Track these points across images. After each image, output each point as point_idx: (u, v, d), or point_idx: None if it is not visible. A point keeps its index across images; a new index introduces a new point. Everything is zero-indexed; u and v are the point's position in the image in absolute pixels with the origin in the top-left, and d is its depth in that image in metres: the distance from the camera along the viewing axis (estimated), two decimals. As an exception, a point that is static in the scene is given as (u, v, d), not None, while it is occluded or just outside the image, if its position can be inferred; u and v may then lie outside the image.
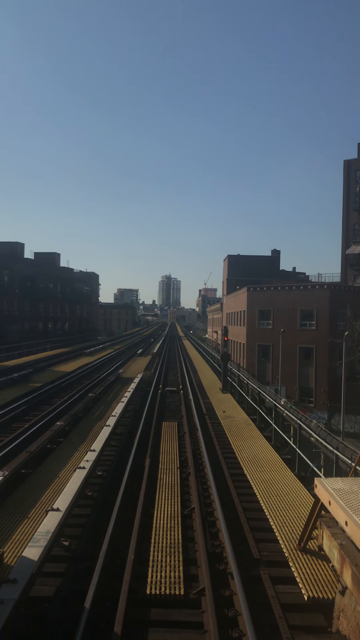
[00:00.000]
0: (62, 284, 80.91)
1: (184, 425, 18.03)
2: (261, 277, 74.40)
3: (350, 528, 6.30)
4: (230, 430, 17.95)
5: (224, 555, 8.17)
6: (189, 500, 10.71)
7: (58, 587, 7.25)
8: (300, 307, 51.29)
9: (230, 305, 74.03)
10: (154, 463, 13.21)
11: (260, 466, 13.41)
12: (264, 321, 55.32)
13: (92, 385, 28.45)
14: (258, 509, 10.44)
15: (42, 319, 71.93)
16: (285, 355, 48.92)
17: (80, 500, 10.43)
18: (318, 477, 9.33)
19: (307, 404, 48.66)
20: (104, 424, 17.25)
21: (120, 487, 10.99)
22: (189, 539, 8.89)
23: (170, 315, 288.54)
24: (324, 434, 17.51)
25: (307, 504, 10.26)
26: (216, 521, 9.55)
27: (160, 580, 7.34)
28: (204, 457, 13.79)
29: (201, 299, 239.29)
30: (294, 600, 7.05)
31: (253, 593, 7.11)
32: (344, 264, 74.95)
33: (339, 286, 53.44)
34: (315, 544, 8.18)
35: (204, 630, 6.24)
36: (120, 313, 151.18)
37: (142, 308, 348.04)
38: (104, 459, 13.71)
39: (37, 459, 13.51)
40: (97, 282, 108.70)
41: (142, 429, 16.93)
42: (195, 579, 7.52)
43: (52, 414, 19.82)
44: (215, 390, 28.28)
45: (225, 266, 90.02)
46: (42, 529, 8.33)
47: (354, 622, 5.95)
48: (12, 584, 6.38)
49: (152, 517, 9.67)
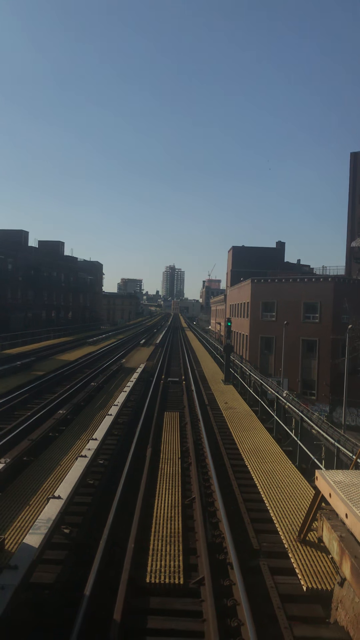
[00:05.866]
0: (66, 273, 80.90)
1: (186, 415, 18.06)
2: (266, 269, 74.25)
3: (351, 520, 6.31)
4: (232, 421, 17.98)
5: (223, 545, 8.20)
6: (190, 490, 10.74)
7: (58, 574, 7.29)
8: (304, 300, 51.19)
9: (234, 296, 73.95)
10: (156, 453, 13.25)
11: (261, 457, 13.44)
12: (267, 313, 55.26)
13: (94, 375, 28.51)
14: (258, 499, 10.47)
15: (45, 307, 71.99)
16: (288, 348, 48.90)
17: (82, 488, 10.48)
18: (319, 469, 9.34)
19: (309, 396, 48.70)
20: (106, 413, 17.30)
21: (122, 476, 11.03)
22: (189, 528, 8.92)
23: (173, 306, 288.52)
24: (325, 427, 17.51)
25: (308, 496, 10.28)
26: (216, 511, 9.58)
27: (160, 569, 7.38)
28: (205, 447, 13.82)
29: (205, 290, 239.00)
30: (293, 591, 7.08)
31: (252, 583, 7.15)
32: (348, 257, 74.77)
33: (344, 279, 53.28)
34: (315, 535, 8.20)
35: (203, 619, 6.28)
36: (123, 303, 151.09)
37: (145, 298, 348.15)
38: (105, 447, 13.76)
39: (39, 446, 13.57)
40: (100, 271, 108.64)
41: (144, 419, 16.97)
42: (194, 569, 7.55)
43: (55, 403, 19.87)
44: (218, 382, 28.31)
45: (230, 257, 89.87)
46: (43, 516, 8.38)
47: (352, 613, 5.98)
48: (13, 570, 6.42)
49: (153, 506, 9.71)
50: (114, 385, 25.11)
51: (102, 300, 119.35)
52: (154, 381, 26.45)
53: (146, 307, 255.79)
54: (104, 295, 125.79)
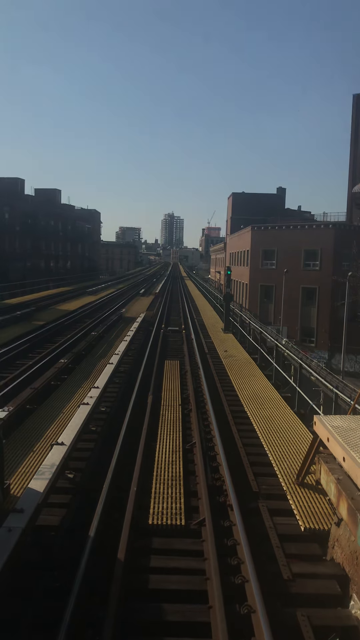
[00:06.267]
0: (64, 222, 79.92)
1: (186, 363, 18.23)
2: (266, 215, 73.29)
3: (348, 464, 6.45)
4: (232, 369, 18.15)
5: (224, 488, 8.41)
6: (190, 435, 10.95)
7: (63, 516, 7.51)
8: (305, 247, 50.78)
9: (234, 245, 73.33)
10: (157, 400, 13.43)
11: (260, 403, 13.64)
12: (267, 261, 54.94)
13: (95, 324, 28.60)
14: (258, 444, 10.68)
15: (44, 257, 71.50)
16: (287, 296, 48.88)
17: (85, 434, 10.67)
18: (317, 414, 9.49)
19: (308, 344, 49.06)
20: (107, 362, 17.44)
21: (124, 423, 11.22)
22: (190, 472, 9.14)
23: (172, 255, 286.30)
24: (324, 373, 17.69)
25: (306, 441, 10.48)
26: (217, 455, 9.79)
27: (162, 511, 7.60)
28: (205, 394, 14.00)
29: (204, 238, 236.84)
30: (291, 531, 7.31)
31: (251, 524, 7.37)
32: (350, 203, 73.65)
33: (344, 225, 52.72)
34: (313, 478, 8.41)
35: (204, 558, 6.50)
36: (122, 252, 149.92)
37: (144, 247, 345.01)
38: (107, 395, 13.94)
39: (42, 395, 13.75)
40: (98, 220, 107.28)
41: (144, 367, 17.12)
42: (195, 511, 7.77)
43: (56, 352, 20.02)
44: (217, 330, 28.43)
45: (230, 204, 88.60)
46: (47, 462, 8.57)
47: (348, 551, 6.20)
48: (19, 513, 6.60)
49: (155, 451, 9.92)
50: (115, 334, 25.22)
51: (101, 250, 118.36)
52: (154, 330, 26.56)
53: (145, 256, 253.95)
54: (102, 244, 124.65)
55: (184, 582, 6.10)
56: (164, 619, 5.48)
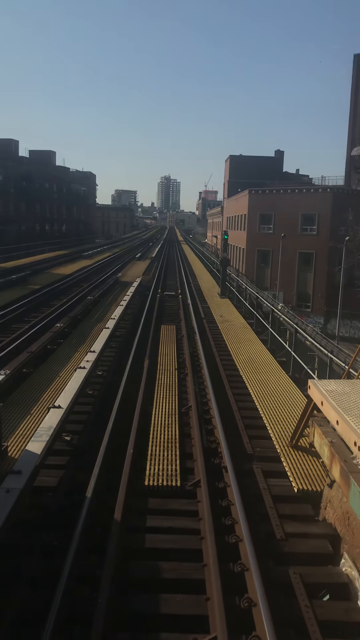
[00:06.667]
0: (59, 184, 78.78)
1: (182, 328, 18.25)
2: (264, 179, 72.29)
3: (341, 427, 6.53)
4: (228, 333, 18.21)
5: (218, 450, 8.53)
6: (186, 399, 11.04)
7: (61, 478, 7.63)
8: (302, 212, 50.34)
9: (231, 208, 72.63)
10: (153, 364, 13.49)
11: (255, 368, 13.73)
12: (264, 226, 54.52)
13: (90, 288, 28.52)
14: (253, 408, 10.80)
15: (38, 220, 70.75)
16: (284, 261, 48.71)
17: (81, 398, 10.75)
18: (312, 379, 9.56)
19: (304, 309, 49.15)
20: (103, 326, 17.45)
21: (120, 386, 11.30)
22: (185, 435, 9.25)
23: (169, 219, 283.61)
24: (319, 338, 17.79)
25: (300, 404, 10.59)
26: (212, 419, 9.89)
27: (158, 473, 7.72)
28: (201, 359, 14.08)
29: (201, 202, 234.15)
30: (285, 492, 7.45)
31: (246, 485, 7.50)
32: (348, 166, 72.61)
33: (342, 189, 52.18)
34: (307, 441, 8.53)
35: (199, 518, 6.64)
36: (118, 215, 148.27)
37: (140, 211, 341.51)
38: (103, 359, 13.99)
39: (38, 359, 13.79)
40: (94, 182, 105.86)
41: (141, 332, 17.14)
42: (191, 472, 7.89)
43: (52, 316, 20.01)
44: (214, 295, 28.41)
45: (227, 167, 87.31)
46: (44, 424, 8.65)
47: (339, 511, 6.33)
48: (17, 475, 6.69)
49: (151, 414, 10.02)
50: (111, 299, 25.18)
51: (96, 213, 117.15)
52: (151, 295, 26.51)
53: (141, 219, 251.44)
54: (97, 207, 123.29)
55: (180, 542, 6.24)
56: (160, 577, 5.62)
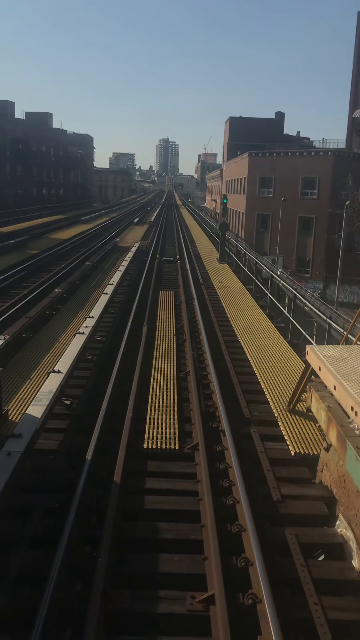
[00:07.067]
0: (56, 147, 77.46)
1: (181, 294, 18.22)
2: (264, 141, 71.03)
3: (338, 392, 6.59)
4: (226, 299, 18.19)
5: (216, 414, 8.63)
6: (185, 364, 11.10)
7: (61, 441, 7.72)
8: (302, 175, 49.62)
9: (231, 172, 71.60)
10: (151, 330, 13.52)
11: (254, 333, 13.76)
12: (264, 189, 53.83)
13: (89, 254, 28.38)
14: (251, 373, 10.86)
15: (36, 184, 69.80)
16: (284, 226, 48.27)
17: (81, 363, 10.80)
18: (310, 344, 9.60)
19: (303, 274, 48.98)
20: (102, 292, 17.42)
21: (119, 352, 11.35)
22: (184, 399, 9.34)
23: (167, 182, 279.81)
24: (318, 304, 17.79)
25: (298, 370, 10.65)
26: (210, 384, 9.97)
27: (156, 436, 7.82)
28: (199, 324, 14.10)
29: (200, 165, 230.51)
30: (282, 455, 7.56)
31: (243, 449, 7.60)
32: (350, 129, 71.32)
33: (343, 152, 51.31)
34: (304, 406, 8.62)
35: (197, 480, 6.75)
36: (116, 179, 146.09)
37: (138, 174, 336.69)
38: (102, 325, 14.01)
39: (37, 324, 13.80)
40: (91, 145, 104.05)
41: (139, 298, 17.13)
42: (189, 436, 8.00)
43: (50, 281, 19.96)
44: (213, 261, 28.26)
45: (227, 129, 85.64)
46: (44, 389, 8.72)
47: (336, 474, 6.44)
48: (18, 438, 6.78)
49: (149, 379, 10.09)
50: (109, 264, 25.06)
51: (94, 177, 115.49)
52: (149, 260, 26.38)
53: (139, 183, 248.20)
54: (95, 171, 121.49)
55: (178, 503, 6.36)
56: (159, 537, 5.75)
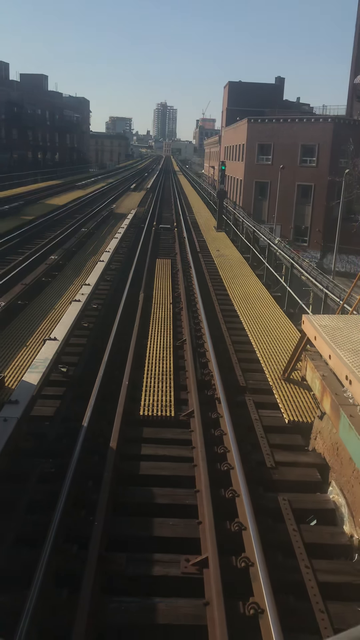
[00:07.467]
0: (51, 110, 75.88)
1: (178, 262, 18.14)
2: (263, 107, 69.80)
3: (333, 361, 6.63)
4: (223, 268, 18.12)
5: (212, 382, 8.68)
6: (181, 333, 11.12)
7: (57, 408, 7.79)
8: (302, 142, 48.93)
9: (229, 138, 70.48)
10: (148, 298, 13.49)
11: (250, 302, 13.76)
12: (263, 156, 53.12)
13: (85, 220, 28.10)
14: (246, 342, 10.90)
15: (31, 148, 68.60)
16: (282, 194, 47.81)
17: (77, 330, 10.81)
18: (306, 314, 9.61)
19: (300, 243, 48.75)
20: (98, 259, 17.31)
21: (115, 320, 11.34)
22: (180, 367, 9.38)
23: (165, 148, 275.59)
24: (315, 273, 17.74)
25: (294, 339, 10.68)
26: (206, 352, 10.01)
27: (152, 404, 7.88)
28: (196, 293, 14.07)
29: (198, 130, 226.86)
30: (276, 423, 7.65)
31: (238, 416, 7.68)
32: (350, 95, 69.96)
33: (344, 120, 50.48)
34: (299, 375, 8.68)
35: (192, 446, 6.83)
36: (112, 144, 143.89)
37: (135, 139, 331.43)
38: (98, 293, 13.98)
39: (33, 291, 13.75)
40: (87, 108, 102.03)
41: (135, 265, 17.04)
42: (185, 403, 8.06)
43: (46, 248, 19.81)
44: (210, 229, 28.05)
45: (226, 94, 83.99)
46: (40, 356, 8.73)
47: (329, 442, 6.53)
48: (14, 404, 6.82)
49: (146, 347, 10.11)
50: (105, 231, 24.86)
51: (90, 141, 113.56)
52: (146, 228, 26.16)
53: (136, 148, 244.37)
54: (91, 135, 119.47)
55: (173, 469, 6.45)
56: (154, 502, 5.85)
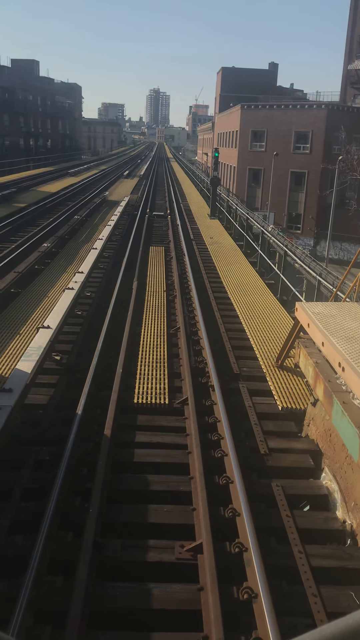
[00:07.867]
0: (43, 96, 75.02)
1: (171, 250, 18.08)
2: (257, 93, 69.33)
3: (326, 348, 6.65)
4: (217, 255, 18.09)
5: (206, 370, 8.70)
6: (175, 320, 11.12)
7: (51, 396, 7.79)
8: (295, 129, 48.69)
9: (223, 124, 70.04)
10: (141, 286, 13.46)
11: (244, 290, 13.76)
12: (256, 143, 52.83)
13: (77, 207, 27.92)
14: (240, 329, 10.92)
15: (22, 134, 67.86)
16: (276, 181, 47.65)
17: (70, 318, 10.79)
18: (299, 301, 9.63)
19: (294, 230, 48.70)
20: (91, 247, 17.24)
21: (109, 308, 11.32)
22: (174, 355, 9.39)
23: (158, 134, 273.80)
24: (308, 261, 17.75)
25: (287, 326, 10.71)
26: (200, 340, 10.02)
27: (146, 391, 7.90)
28: (190, 281, 14.05)
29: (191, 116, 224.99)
30: (269, 410, 7.69)
31: (232, 403, 7.71)
32: (344, 82, 69.56)
33: (337, 106, 50.23)
34: (292, 362, 8.71)
35: (186, 434, 6.87)
36: (105, 130, 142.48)
37: (128, 125, 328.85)
38: (92, 280, 13.93)
39: (26, 279, 13.69)
40: (79, 94, 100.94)
41: (129, 253, 16.97)
42: (179, 391, 8.08)
43: (39, 235, 19.69)
44: (204, 216, 27.96)
45: (219, 80, 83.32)
46: (33, 344, 8.72)
47: (322, 428, 6.58)
48: (8, 393, 6.82)
49: (140, 335, 10.11)
50: (98, 218, 24.73)
51: (82, 128, 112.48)
52: (139, 215, 26.03)
53: (129, 134, 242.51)
54: (84, 121, 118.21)
55: (167, 456, 6.48)
56: (149, 489, 5.88)
